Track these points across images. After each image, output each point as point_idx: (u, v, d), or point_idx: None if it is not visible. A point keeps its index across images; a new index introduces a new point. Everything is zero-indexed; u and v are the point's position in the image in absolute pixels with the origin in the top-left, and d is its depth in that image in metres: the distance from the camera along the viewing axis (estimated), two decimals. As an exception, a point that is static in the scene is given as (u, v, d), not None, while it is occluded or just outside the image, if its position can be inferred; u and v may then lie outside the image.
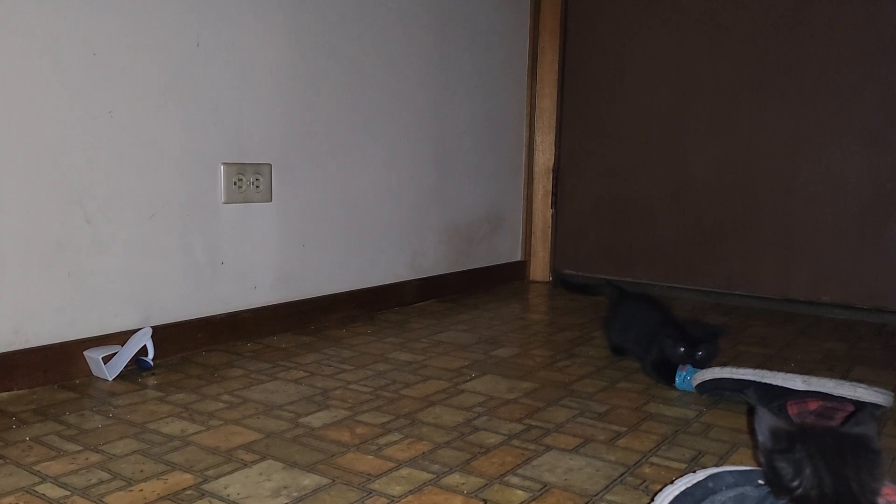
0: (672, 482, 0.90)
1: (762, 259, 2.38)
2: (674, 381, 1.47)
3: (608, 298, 1.95)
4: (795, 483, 0.73)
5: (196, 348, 1.65)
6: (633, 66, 2.55)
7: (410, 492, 0.98)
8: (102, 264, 1.48)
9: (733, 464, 1.10)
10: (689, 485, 0.89)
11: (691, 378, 1.44)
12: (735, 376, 1.36)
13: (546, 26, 2.66)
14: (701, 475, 0.89)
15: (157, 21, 1.53)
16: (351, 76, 1.98)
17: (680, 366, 1.48)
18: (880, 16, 2.14)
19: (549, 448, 1.15)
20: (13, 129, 1.32)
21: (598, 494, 0.99)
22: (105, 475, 1.02)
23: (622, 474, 1.06)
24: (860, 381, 1.38)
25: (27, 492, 0.96)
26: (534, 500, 0.97)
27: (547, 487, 1.01)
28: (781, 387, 1.30)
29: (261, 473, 1.03)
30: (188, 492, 0.97)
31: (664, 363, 1.50)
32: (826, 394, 1.27)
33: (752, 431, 1.09)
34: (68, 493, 0.96)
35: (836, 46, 2.21)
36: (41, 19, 1.35)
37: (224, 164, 1.68)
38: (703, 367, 1.45)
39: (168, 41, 1.55)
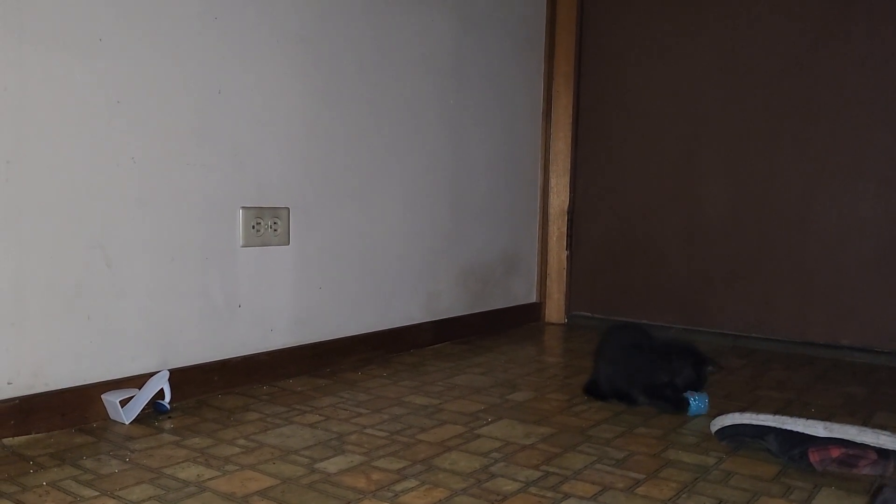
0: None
1: (779, 301, 2.36)
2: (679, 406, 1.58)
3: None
4: None
5: (212, 391, 1.66)
6: (647, 108, 2.58)
7: (427, 541, 0.97)
8: (121, 308, 1.49)
9: (755, 513, 1.08)
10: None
11: (711, 423, 1.43)
12: (755, 422, 1.35)
13: (560, 70, 2.69)
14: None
15: (180, 70, 1.56)
16: (368, 121, 2.01)
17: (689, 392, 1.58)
18: (893, 57, 2.15)
19: (567, 496, 1.14)
20: (38, 174, 1.35)
21: (617, 545, 0.98)
22: (121, 522, 1.01)
23: (642, 524, 1.04)
24: (883, 427, 1.36)
25: (44, 538, 0.96)
26: (552, 550, 0.96)
27: (565, 537, 1.00)
28: (803, 433, 1.29)
29: (277, 521, 1.03)
30: (204, 539, 0.97)
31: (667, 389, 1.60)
32: (848, 441, 1.26)
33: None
34: (85, 539, 0.96)
35: (849, 89, 2.22)
36: (67, 68, 1.38)
37: (243, 208, 1.70)
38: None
39: (190, 89, 1.58)
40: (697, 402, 1.57)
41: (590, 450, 1.35)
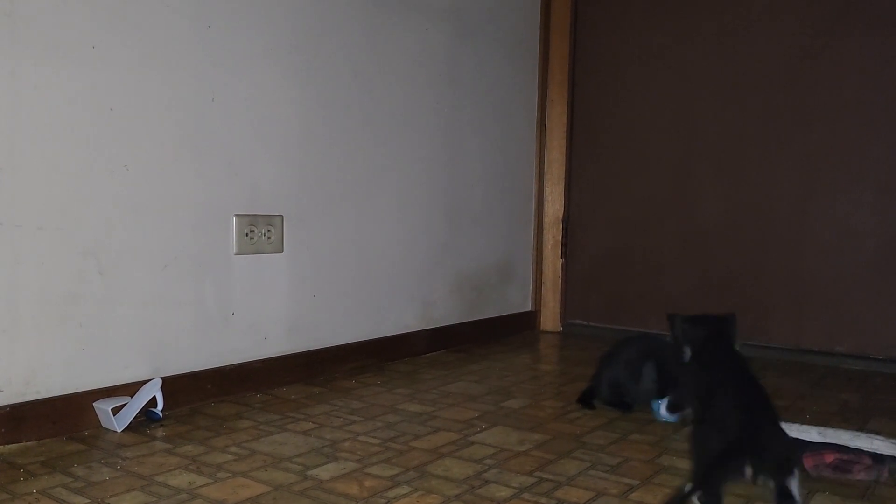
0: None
1: (774, 309, 2.36)
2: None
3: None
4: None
5: (205, 399, 1.65)
6: (642, 116, 2.59)
7: (419, 547, 0.97)
8: (114, 316, 1.49)
9: (749, 518, 1.08)
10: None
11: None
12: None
13: (554, 79, 2.70)
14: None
15: (174, 77, 1.56)
16: (363, 129, 2.01)
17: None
18: (888, 65, 2.17)
19: (560, 502, 1.13)
20: (31, 182, 1.35)
21: (610, 550, 0.97)
22: (111, 529, 1.01)
23: (635, 529, 1.04)
24: (877, 433, 1.36)
25: (33, 546, 0.96)
26: (545, 555, 0.95)
27: (558, 542, 0.99)
28: (797, 439, 1.28)
29: (268, 527, 1.02)
30: (194, 546, 0.96)
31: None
32: (842, 446, 1.25)
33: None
34: (74, 547, 0.95)
35: (844, 96, 2.23)
36: (60, 76, 1.38)
37: (236, 215, 1.70)
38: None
39: (184, 97, 1.59)
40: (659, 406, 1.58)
41: (584, 456, 1.35)
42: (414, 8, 2.15)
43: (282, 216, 1.81)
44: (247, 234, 1.72)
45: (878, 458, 1.23)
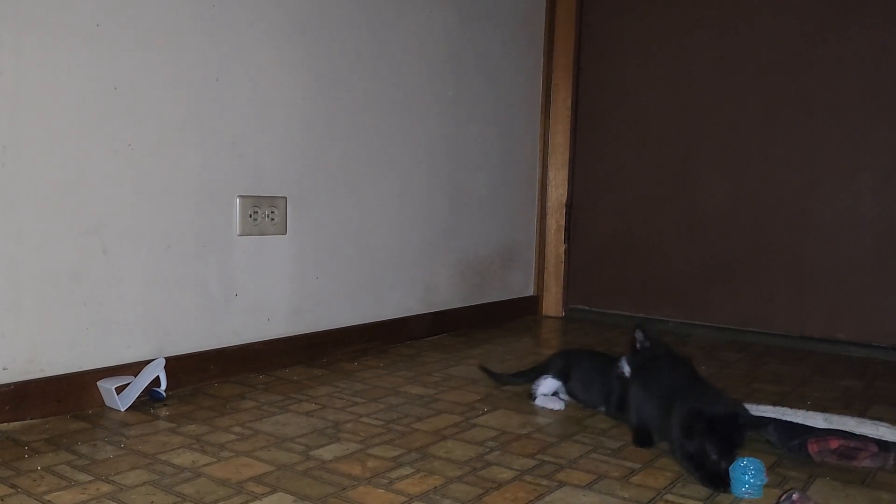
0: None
1: (776, 296, 2.36)
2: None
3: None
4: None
5: (208, 380, 1.65)
6: (646, 102, 2.57)
7: (422, 526, 0.97)
8: (117, 295, 1.49)
9: None
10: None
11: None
12: (755, 413, 1.35)
13: (559, 64, 2.69)
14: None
15: (178, 57, 1.56)
16: (366, 112, 2.00)
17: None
18: (891, 54, 2.15)
19: (562, 484, 1.14)
20: (35, 161, 1.35)
21: (612, 532, 0.98)
22: (115, 506, 1.01)
23: (637, 512, 1.04)
24: (879, 419, 1.36)
25: (38, 522, 0.96)
26: (547, 536, 0.95)
27: (560, 524, 0.99)
28: (802, 424, 1.29)
29: (271, 506, 1.02)
30: (198, 524, 0.96)
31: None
32: (847, 432, 1.26)
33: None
34: (78, 523, 0.96)
35: (847, 84, 2.22)
36: (64, 54, 1.38)
37: (240, 196, 1.70)
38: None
39: (188, 76, 1.58)
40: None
41: (585, 439, 1.35)
42: (419, -11, 2.13)
43: (285, 198, 1.80)
44: (250, 216, 1.72)
45: (884, 446, 1.24)
